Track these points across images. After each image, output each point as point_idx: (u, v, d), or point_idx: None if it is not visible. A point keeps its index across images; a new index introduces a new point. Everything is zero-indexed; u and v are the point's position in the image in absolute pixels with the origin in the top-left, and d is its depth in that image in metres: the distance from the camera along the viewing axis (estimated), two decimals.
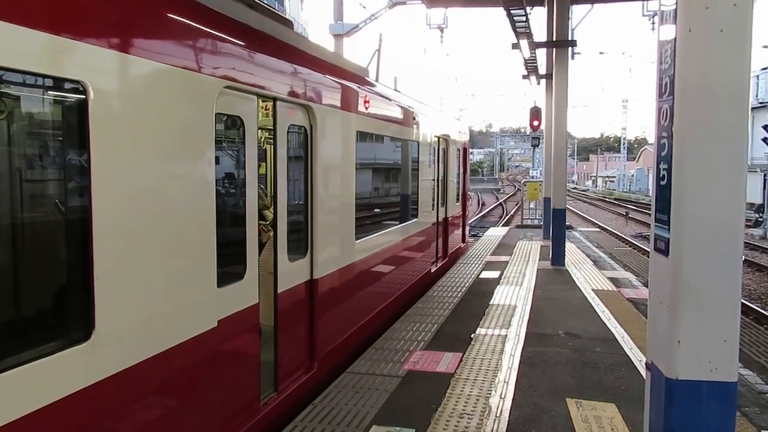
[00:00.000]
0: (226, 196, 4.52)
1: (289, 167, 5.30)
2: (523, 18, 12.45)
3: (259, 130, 5.30)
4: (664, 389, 2.89)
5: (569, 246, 14.94)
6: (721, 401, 2.83)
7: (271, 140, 5.08)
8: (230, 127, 4.52)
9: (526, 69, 18.66)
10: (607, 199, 54.15)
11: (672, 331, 2.86)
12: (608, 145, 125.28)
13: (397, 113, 8.70)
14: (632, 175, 74.79)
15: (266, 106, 5.38)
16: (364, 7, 19.14)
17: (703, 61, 2.72)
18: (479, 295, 9.82)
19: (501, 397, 5.44)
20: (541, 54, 17.53)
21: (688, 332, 2.82)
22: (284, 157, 5.07)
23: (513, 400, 5.40)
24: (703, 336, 2.81)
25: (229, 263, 4.33)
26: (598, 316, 8.49)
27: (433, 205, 11.23)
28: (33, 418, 2.63)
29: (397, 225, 8.89)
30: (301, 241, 5.46)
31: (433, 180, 11.31)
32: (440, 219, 12.00)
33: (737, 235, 2.79)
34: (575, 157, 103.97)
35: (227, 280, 4.25)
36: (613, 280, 11.27)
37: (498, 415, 5.07)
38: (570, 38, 14.22)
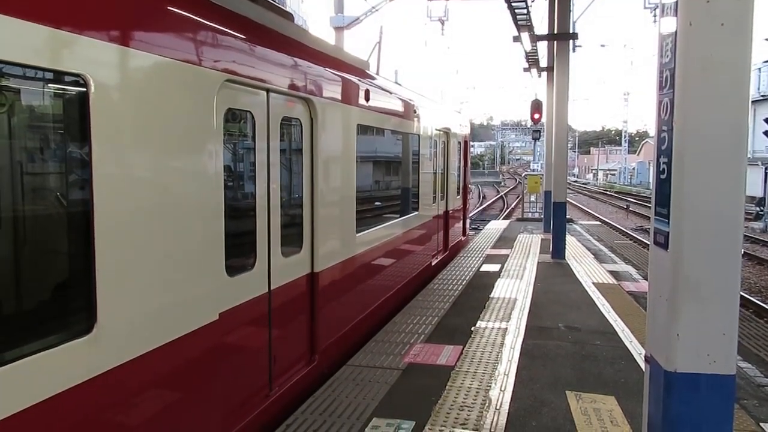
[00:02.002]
0: (233, 189, 4.56)
1: (289, 160, 5.30)
2: (525, 10, 12.43)
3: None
4: (663, 382, 2.91)
5: (570, 239, 14.94)
6: (719, 394, 2.84)
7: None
8: (235, 120, 4.52)
9: (527, 62, 18.62)
10: (607, 192, 54.12)
11: (671, 324, 2.87)
12: (609, 138, 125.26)
13: (398, 106, 8.69)
14: (633, 168, 74.70)
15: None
16: (365, 0, 19.08)
17: (704, 54, 2.72)
18: (480, 288, 9.84)
19: (501, 390, 5.47)
20: (542, 46, 17.48)
21: (687, 325, 2.83)
22: (278, 150, 5.06)
23: (513, 392, 5.42)
24: (702, 329, 2.83)
25: (238, 254, 4.36)
26: (598, 309, 8.51)
27: (433, 198, 11.23)
28: (35, 411, 2.65)
29: (397, 218, 8.90)
30: (298, 235, 5.46)
31: (434, 173, 11.31)
32: (441, 212, 12.01)
33: (737, 228, 2.80)
34: (576, 150, 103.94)
35: (236, 271, 4.28)
36: (613, 273, 11.28)
37: (498, 407, 5.09)
38: (571, 31, 14.17)
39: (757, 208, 27.39)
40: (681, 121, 2.82)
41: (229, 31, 4.19)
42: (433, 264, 11.19)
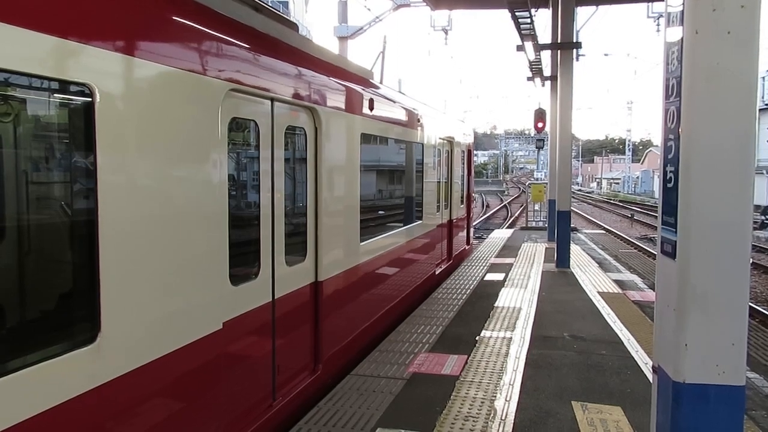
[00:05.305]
0: (237, 197, 4.56)
1: (293, 169, 5.30)
2: (528, 20, 12.46)
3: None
4: (672, 393, 2.88)
5: (574, 248, 14.90)
6: (729, 405, 2.81)
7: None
8: (239, 129, 4.53)
9: (531, 71, 18.66)
10: (612, 201, 54.00)
11: (679, 334, 2.84)
12: (613, 147, 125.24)
13: (402, 115, 8.70)
14: (637, 177, 74.64)
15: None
16: (369, 10, 19.21)
17: (711, 63, 2.71)
18: (484, 297, 9.81)
19: (506, 400, 5.43)
20: (546, 56, 17.54)
21: (695, 335, 2.81)
22: (283, 159, 5.06)
23: (518, 402, 5.38)
24: (711, 339, 2.80)
25: (242, 263, 4.36)
26: (604, 318, 8.45)
27: (437, 207, 11.22)
28: (39, 421, 2.64)
29: (401, 227, 8.89)
30: (302, 244, 5.45)
31: (438, 182, 11.31)
32: (445, 221, 11.99)
33: (745, 237, 2.78)
34: (580, 158, 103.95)
35: (240, 280, 4.28)
36: (618, 282, 11.23)
37: (503, 418, 5.05)
38: (575, 40, 14.20)
39: (762, 217, 27.27)
40: (687, 130, 2.81)
41: (234, 40, 4.21)
42: (436, 273, 11.15)
